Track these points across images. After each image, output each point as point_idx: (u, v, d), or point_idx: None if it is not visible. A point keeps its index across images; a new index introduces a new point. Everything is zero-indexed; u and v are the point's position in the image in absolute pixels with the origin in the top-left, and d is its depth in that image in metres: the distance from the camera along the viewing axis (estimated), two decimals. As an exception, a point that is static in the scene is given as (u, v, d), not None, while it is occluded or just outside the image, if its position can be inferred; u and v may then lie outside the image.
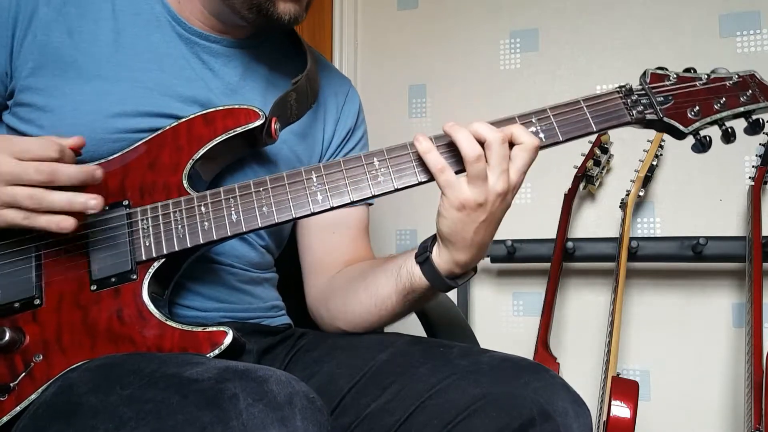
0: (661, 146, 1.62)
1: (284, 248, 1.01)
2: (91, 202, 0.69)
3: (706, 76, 0.79)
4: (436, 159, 0.73)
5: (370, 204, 1.01)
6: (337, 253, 0.95)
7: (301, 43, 0.96)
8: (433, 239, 0.79)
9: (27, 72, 0.81)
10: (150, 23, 0.86)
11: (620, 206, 1.62)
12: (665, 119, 0.77)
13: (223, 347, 0.70)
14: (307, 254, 0.98)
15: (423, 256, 0.78)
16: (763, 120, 0.78)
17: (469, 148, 0.71)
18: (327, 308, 0.92)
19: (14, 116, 0.82)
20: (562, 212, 1.61)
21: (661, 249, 1.58)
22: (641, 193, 1.58)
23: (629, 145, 1.70)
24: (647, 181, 1.60)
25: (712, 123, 0.78)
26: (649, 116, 0.77)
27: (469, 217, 0.73)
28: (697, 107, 0.77)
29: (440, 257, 0.77)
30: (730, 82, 0.78)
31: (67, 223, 0.69)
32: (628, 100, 0.77)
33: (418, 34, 1.95)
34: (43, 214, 0.69)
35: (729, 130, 0.77)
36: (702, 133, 0.78)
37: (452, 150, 0.75)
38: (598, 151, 1.64)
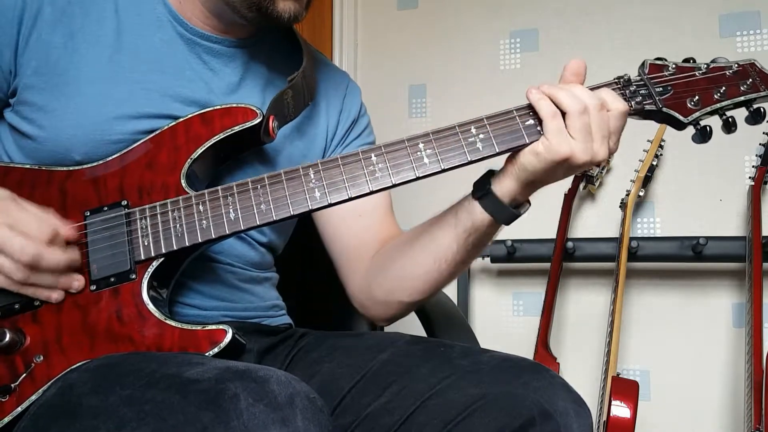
0: (661, 146, 1.62)
1: (284, 249, 1.01)
2: (74, 284, 0.73)
3: (705, 66, 0.78)
4: (549, 106, 0.73)
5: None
6: (368, 235, 0.95)
7: (298, 41, 0.96)
8: (488, 174, 0.80)
9: (30, 70, 0.81)
10: (152, 24, 0.86)
11: (620, 206, 1.62)
12: (664, 109, 0.76)
13: (222, 346, 0.70)
14: (338, 243, 0.97)
15: (483, 191, 0.79)
16: (764, 109, 0.76)
17: (572, 101, 0.72)
18: (380, 286, 0.91)
19: (16, 114, 0.82)
20: (562, 212, 1.61)
21: (661, 249, 1.58)
22: (641, 193, 1.58)
23: (629, 145, 1.70)
24: (647, 181, 1.60)
25: (712, 113, 0.77)
26: (648, 107, 0.77)
27: (563, 168, 0.74)
28: (697, 97, 0.76)
29: (504, 189, 0.77)
30: (730, 72, 0.77)
31: (57, 296, 0.72)
32: (627, 91, 0.77)
33: (418, 34, 1.95)
34: (30, 287, 0.71)
35: (730, 119, 0.76)
36: (702, 123, 0.77)
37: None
38: (598, 151, 1.64)
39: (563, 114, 0.73)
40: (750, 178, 1.58)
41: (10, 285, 0.70)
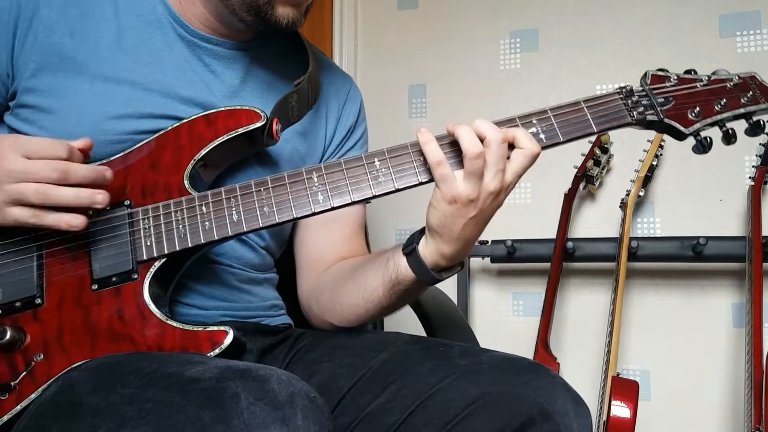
0: (661, 146, 1.62)
1: (284, 250, 1.01)
2: (98, 197, 0.70)
3: (706, 78, 0.79)
4: (435, 151, 0.73)
5: (368, 202, 1.01)
6: (330, 250, 0.96)
7: (303, 43, 0.96)
8: (421, 232, 0.80)
9: (29, 73, 0.81)
10: (152, 25, 0.86)
11: (620, 206, 1.62)
12: (666, 120, 0.77)
13: (223, 347, 0.70)
14: (301, 250, 0.99)
15: (410, 248, 0.79)
16: (763, 121, 0.78)
17: (469, 144, 0.72)
18: (317, 302, 0.93)
19: (16, 117, 0.82)
20: (562, 212, 1.61)
21: (661, 249, 1.58)
22: (641, 193, 1.58)
23: (629, 145, 1.70)
24: (647, 181, 1.60)
25: (712, 124, 0.78)
26: (649, 117, 0.78)
27: (459, 211, 0.73)
28: (698, 108, 0.77)
29: (426, 249, 0.77)
30: (731, 84, 0.78)
31: (77, 221, 0.70)
32: (629, 101, 0.78)
33: (418, 34, 1.95)
34: (51, 212, 0.69)
35: (730, 131, 0.77)
36: (703, 134, 0.78)
37: (455, 149, 0.75)
38: (598, 151, 1.64)
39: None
40: (750, 178, 1.58)
41: (30, 217, 0.69)
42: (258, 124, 0.81)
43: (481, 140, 0.72)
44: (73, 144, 0.72)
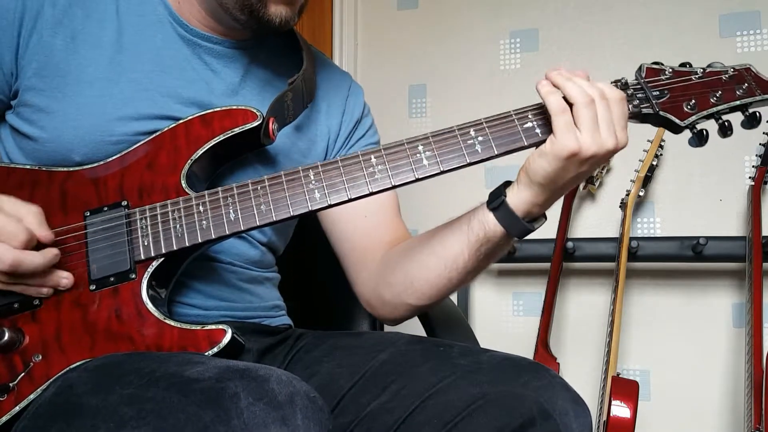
0: (661, 146, 1.62)
1: (285, 250, 1.01)
2: (62, 281, 0.73)
3: (701, 70, 0.79)
4: (559, 101, 0.73)
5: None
6: (377, 235, 0.94)
7: (298, 42, 0.96)
8: (504, 185, 0.79)
9: (31, 72, 0.81)
10: (153, 25, 0.86)
11: (620, 206, 1.62)
12: (661, 113, 0.77)
13: (221, 345, 0.70)
14: (346, 244, 0.96)
15: (497, 202, 0.78)
16: (759, 113, 0.77)
17: (579, 93, 0.72)
18: (389, 287, 0.90)
19: (18, 116, 0.82)
20: (562, 212, 1.61)
21: (661, 249, 1.58)
22: (641, 193, 1.58)
23: (629, 145, 1.69)
24: (647, 181, 1.60)
25: (708, 116, 0.78)
26: (645, 110, 0.77)
27: (574, 166, 0.73)
28: (693, 101, 0.77)
29: (519, 199, 0.77)
30: (726, 76, 0.78)
31: (46, 291, 0.73)
32: (624, 94, 0.78)
33: (418, 34, 1.95)
34: (17, 286, 0.72)
35: (726, 123, 0.77)
36: (698, 126, 0.78)
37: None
38: (598, 151, 1.64)
39: (570, 106, 0.73)
40: (750, 178, 1.58)
41: None
42: (254, 124, 0.81)
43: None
44: (36, 233, 0.71)
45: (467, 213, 0.83)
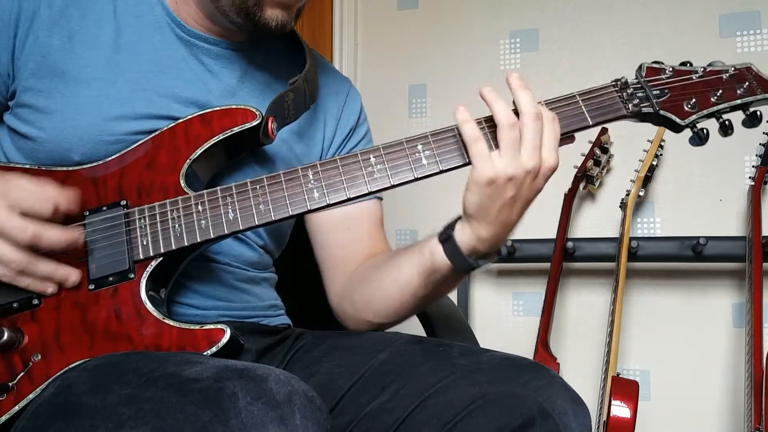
0: (661, 146, 1.62)
1: (284, 249, 1.01)
2: (71, 277, 0.73)
3: (702, 69, 0.79)
4: (473, 129, 0.73)
5: (381, 198, 1.00)
6: (354, 248, 0.95)
7: (300, 44, 0.96)
8: (457, 218, 0.79)
9: (28, 73, 0.81)
10: (150, 25, 0.86)
11: (620, 206, 1.62)
12: (661, 112, 0.77)
13: (220, 345, 0.70)
14: (324, 252, 0.98)
15: (446, 234, 0.78)
16: (760, 112, 0.77)
17: (504, 114, 0.72)
18: (352, 302, 0.92)
19: (15, 117, 0.82)
20: (562, 212, 1.61)
21: (661, 249, 1.58)
22: (641, 193, 1.58)
23: (629, 145, 1.70)
24: (647, 181, 1.60)
25: (708, 115, 0.77)
26: (645, 109, 0.77)
27: (497, 191, 0.72)
28: (694, 100, 0.77)
29: (463, 235, 0.76)
30: (727, 75, 0.78)
31: (51, 289, 0.73)
32: (624, 94, 0.77)
33: (418, 34, 1.95)
34: (27, 277, 0.71)
35: (726, 122, 0.76)
36: (699, 125, 0.78)
37: (492, 131, 0.75)
38: (598, 151, 1.64)
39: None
40: (750, 178, 1.58)
41: (8, 272, 0.70)
42: (253, 123, 0.81)
43: (517, 115, 0.72)
44: (61, 205, 0.72)
45: (424, 239, 0.83)
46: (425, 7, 1.96)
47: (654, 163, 1.59)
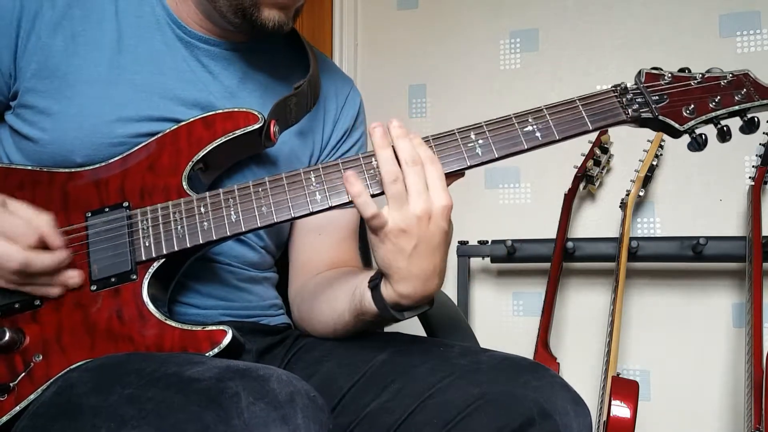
0: (661, 146, 1.62)
1: (285, 249, 1.01)
2: (71, 281, 0.73)
3: (700, 75, 0.80)
4: (357, 190, 0.70)
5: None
6: (319, 255, 0.95)
7: (303, 45, 0.96)
8: None
9: (30, 74, 0.81)
10: (151, 26, 0.86)
11: (620, 206, 1.62)
12: (660, 117, 0.78)
13: (222, 346, 0.70)
14: (293, 253, 0.99)
15: (374, 282, 0.76)
16: (758, 118, 0.78)
17: (385, 170, 0.70)
18: (298, 309, 0.93)
19: (18, 117, 0.82)
20: (562, 212, 1.62)
21: (661, 249, 1.58)
22: (641, 193, 1.58)
23: (629, 145, 1.70)
24: (647, 181, 1.60)
25: (707, 121, 0.78)
26: (644, 115, 0.78)
27: (396, 246, 0.70)
28: (692, 106, 0.78)
29: (386, 288, 0.74)
30: (725, 81, 0.79)
31: (56, 291, 0.73)
32: (624, 99, 0.78)
33: (418, 34, 1.95)
34: (27, 286, 0.72)
35: (724, 128, 0.77)
36: (697, 131, 0.78)
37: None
38: (598, 151, 1.64)
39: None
40: (750, 178, 1.58)
41: (6, 285, 0.71)
42: (255, 126, 0.81)
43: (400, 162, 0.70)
44: (47, 237, 0.71)
45: (361, 275, 0.81)
46: (425, 7, 1.96)
47: (654, 163, 1.59)
